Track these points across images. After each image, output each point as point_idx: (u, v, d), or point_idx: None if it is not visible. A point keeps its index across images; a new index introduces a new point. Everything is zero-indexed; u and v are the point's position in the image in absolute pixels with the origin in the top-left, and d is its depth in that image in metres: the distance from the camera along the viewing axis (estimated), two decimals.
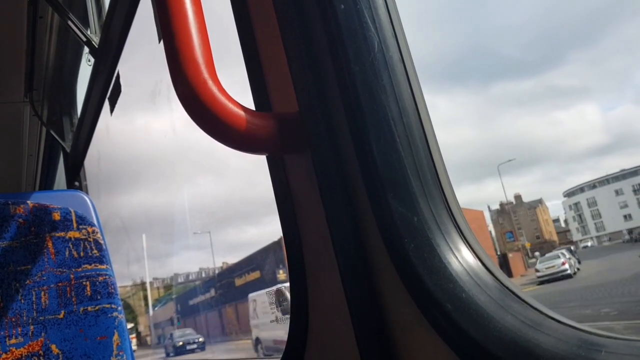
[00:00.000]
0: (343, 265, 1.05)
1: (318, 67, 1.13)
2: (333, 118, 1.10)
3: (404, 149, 0.98)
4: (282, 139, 1.13)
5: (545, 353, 0.77)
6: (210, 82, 1.04)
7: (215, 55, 1.11)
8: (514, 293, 0.88)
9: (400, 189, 0.96)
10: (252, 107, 1.28)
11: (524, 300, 0.87)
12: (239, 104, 1.08)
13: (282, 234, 1.27)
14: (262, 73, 1.29)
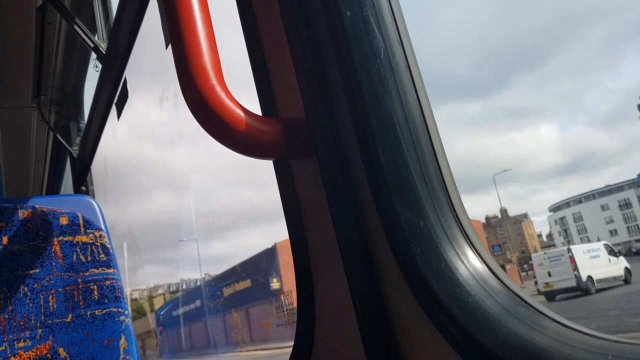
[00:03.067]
0: (349, 269, 1.05)
1: (324, 73, 1.14)
2: (339, 123, 1.11)
3: (410, 154, 0.99)
4: (289, 144, 1.14)
5: (551, 357, 0.77)
6: (218, 88, 1.05)
7: (223, 61, 1.12)
8: (520, 297, 0.89)
9: (407, 194, 0.97)
10: (259, 112, 1.30)
11: (530, 305, 0.88)
12: (246, 109, 1.09)
13: (288, 239, 1.28)
14: (269, 79, 1.30)
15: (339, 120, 1.11)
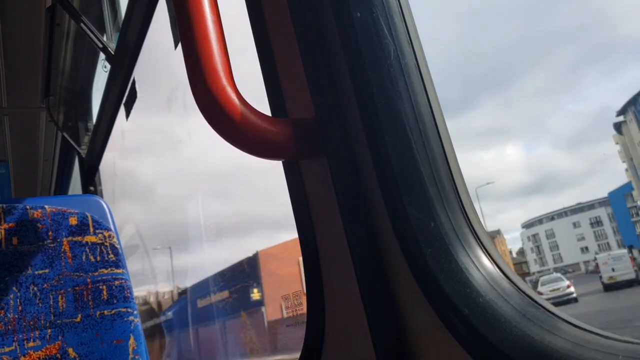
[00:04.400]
0: (359, 269, 1.06)
1: (334, 73, 1.14)
2: (349, 124, 1.11)
3: (420, 155, 0.99)
4: (298, 145, 1.14)
5: (562, 357, 0.77)
6: (228, 89, 1.05)
7: (233, 61, 1.12)
8: (530, 298, 0.89)
9: (417, 195, 0.97)
10: (269, 112, 1.30)
11: (540, 305, 0.87)
12: (256, 110, 1.09)
13: (298, 240, 1.28)
14: (278, 79, 1.30)
15: (348, 120, 1.11)
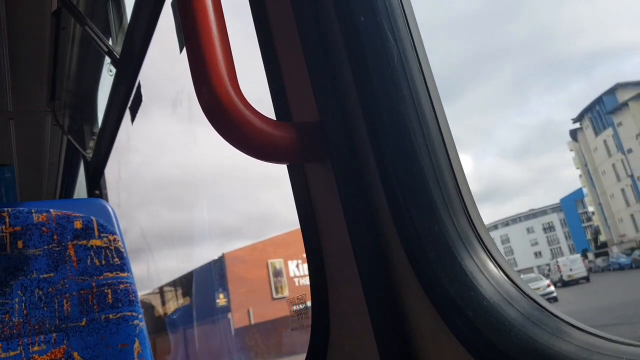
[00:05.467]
0: (364, 273, 1.06)
1: (338, 77, 1.14)
2: (353, 127, 1.11)
3: (424, 158, 0.99)
4: (302, 148, 1.14)
5: None
6: (233, 93, 1.06)
7: (237, 65, 1.12)
8: (535, 301, 0.89)
9: (421, 198, 0.97)
10: (273, 116, 1.30)
11: (545, 309, 0.87)
12: (260, 114, 1.09)
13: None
14: (283, 83, 1.30)
15: (352, 124, 1.11)
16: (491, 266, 0.93)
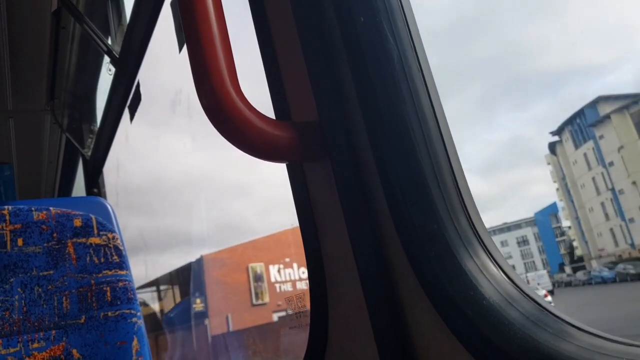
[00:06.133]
0: (363, 272, 1.06)
1: (338, 77, 1.15)
2: (352, 127, 1.12)
3: (424, 158, 0.99)
4: (302, 148, 1.15)
5: None
6: (233, 93, 1.06)
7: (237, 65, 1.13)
8: (535, 301, 0.89)
9: (420, 198, 0.97)
10: (273, 115, 1.31)
11: (546, 309, 0.88)
12: (260, 113, 1.10)
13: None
14: (282, 83, 1.31)
15: (351, 124, 1.12)
16: (491, 266, 0.93)
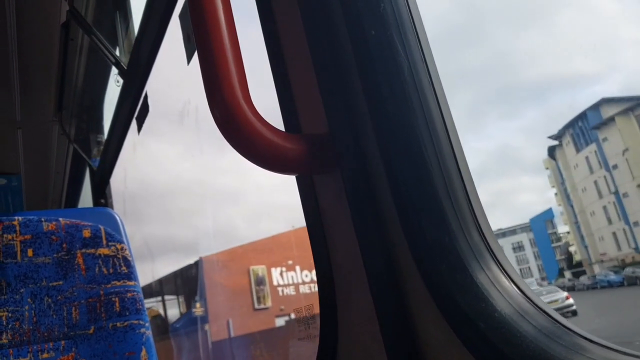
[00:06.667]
0: (373, 283, 1.06)
1: (348, 89, 1.15)
2: (362, 140, 1.12)
3: (434, 170, 1.00)
4: (312, 160, 1.16)
5: None
6: (244, 106, 1.07)
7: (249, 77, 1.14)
8: (549, 315, 0.89)
9: (431, 210, 0.98)
10: (282, 127, 1.32)
11: (559, 322, 0.88)
12: (271, 126, 1.11)
13: (312, 254, 1.29)
14: (292, 95, 1.32)
15: (362, 136, 1.12)
16: (503, 279, 0.93)
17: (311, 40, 1.22)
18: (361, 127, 1.12)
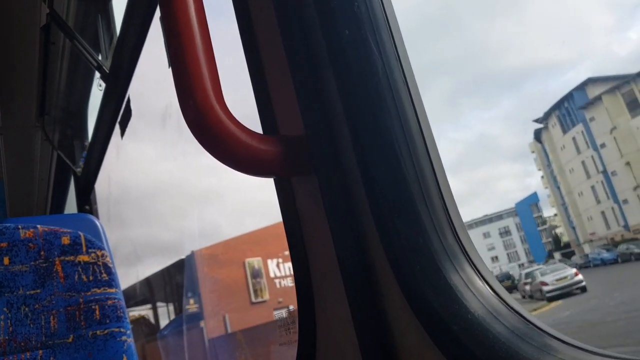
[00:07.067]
0: (349, 286, 1.05)
1: (323, 90, 1.14)
2: (338, 141, 1.11)
3: (409, 171, 0.99)
4: (289, 162, 1.14)
5: None
6: (217, 108, 1.05)
7: (223, 79, 1.12)
8: (521, 316, 0.88)
9: (406, 211, 0.97)
10: (260, 130, 1.30)
11: (531, 323, 0.87)
12: (245, 128, 1.09)
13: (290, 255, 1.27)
14: (269, 97, 1.30)
15: (338, 137, 1.11)
16: (477, 280, 0.92)
17: (287, 41, 1.21)
18: (336, 128, 1.11)
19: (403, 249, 0.95)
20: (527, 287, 28.66)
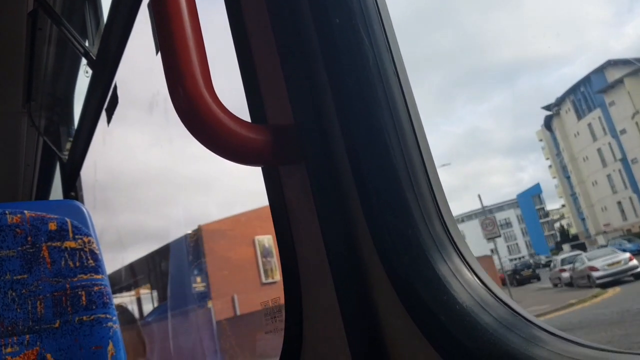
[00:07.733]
0: (337, 276, 1.06)
1: (313, 79, 1.14)
2: (328, 130, 1.11)
3: (398, 162, 0.99)
4: (277, 151, 1.14)
5: None
6: (206, 95, 1.05)
7: (212, 67, 1.12)
8: (509, 306, 0.89)
9: (395, 201, 0.97)
10: (248, 118, 1.30)
11: (519, 314, 0.88)
12: (234, 116, 1.09)
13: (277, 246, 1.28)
14: (258, 85, 1.30)
15: (327, 127, 1.11)
16: (465, 271, 0.93)
17: (277, 30, 1.21)
18: (326, 118, 1.11)
19: (391, 239, 0.95)
20: (564, 274, 26.90)
